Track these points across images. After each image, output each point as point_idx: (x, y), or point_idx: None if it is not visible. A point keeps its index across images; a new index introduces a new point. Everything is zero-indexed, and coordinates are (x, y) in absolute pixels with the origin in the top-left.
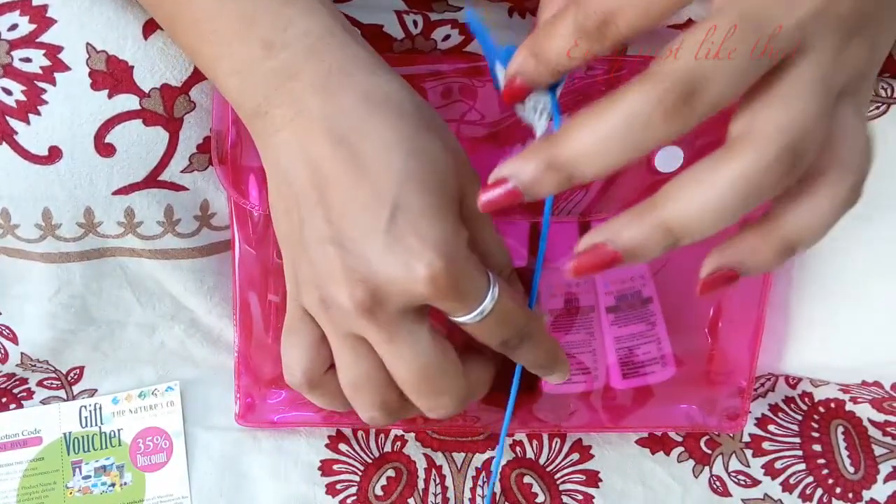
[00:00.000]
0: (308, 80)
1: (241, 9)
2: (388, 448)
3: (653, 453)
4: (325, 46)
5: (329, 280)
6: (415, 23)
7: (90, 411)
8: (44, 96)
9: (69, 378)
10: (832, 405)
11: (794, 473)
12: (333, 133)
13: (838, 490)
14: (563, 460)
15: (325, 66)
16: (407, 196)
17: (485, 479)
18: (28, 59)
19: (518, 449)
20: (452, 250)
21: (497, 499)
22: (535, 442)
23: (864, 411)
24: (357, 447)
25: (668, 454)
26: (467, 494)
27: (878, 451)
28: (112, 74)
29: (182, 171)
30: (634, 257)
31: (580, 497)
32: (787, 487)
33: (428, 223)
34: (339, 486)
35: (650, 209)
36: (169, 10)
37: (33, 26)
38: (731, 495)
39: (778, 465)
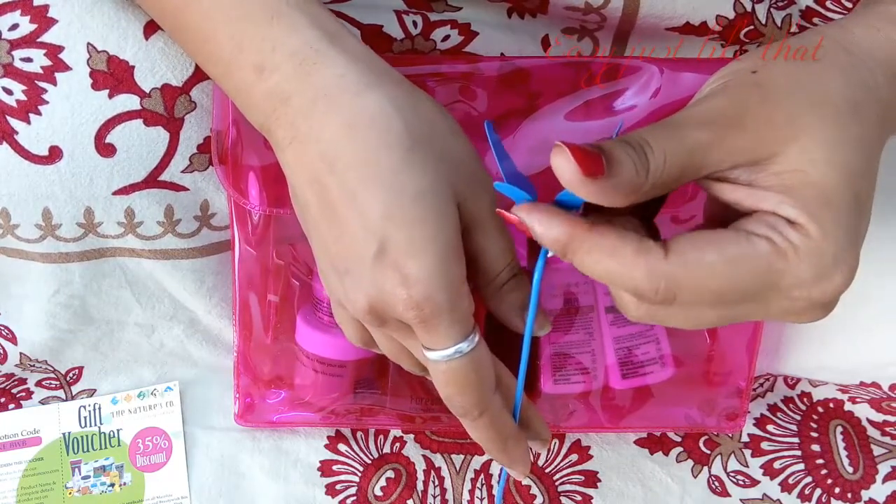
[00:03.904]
0: (297, 105)
1: (231, 32)
2: (387, 449)
3: (652, 453)
4: (311, 68)
5: (337, 290)
6: (414, 23)
7: (89, 411)
8: (44, 96)
9: (68, 378)
10: (831, 405)
11: (792, 473)
12: (325, 159)
13: (837, 490)
14: (561, 461)
15: (311, 90)
16: (392, 231)
17: (483, 481)
18: (29, 59)
19: None
20: (433, 286)
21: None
22: None
23: (863, 411)
24: (356, 448)
25: (666, 454)
26: (466, 496)
27: (876, 451)
28: (113, 74)
29: (182, 172)
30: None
31: (579, 498)
32: (785, 487)
33: (412, 261)
34: (338, 487)
35: (570, 228)
36: (170, 29)
37: (34, 26)
38: (729, 495)
39: (777, 465)
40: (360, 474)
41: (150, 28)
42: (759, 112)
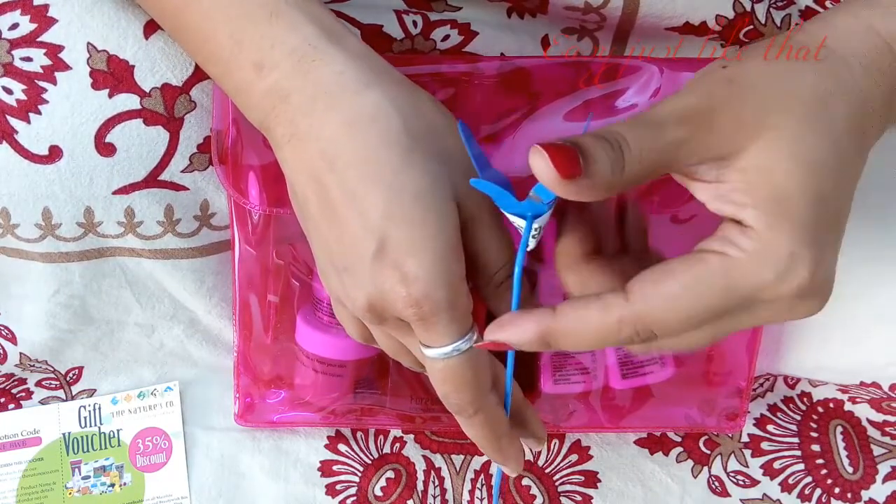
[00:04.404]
0: (296, 103)
1: (230, 31)
2: (387, 449)
3: (652, 454)
4: (310, 66)
5: (337, 288)
6: (414, 23)
7: (89, 411)
8: (44, 95)
9: (68, 378)
10: (831, 405)
11: (792, 473)
12: (325, 157)
13: (837, 490)
14: (561, 461)
15: (311, 87)
16: (392, 230)
17: (483, 482)
18: (29, 59)
19: None
20: (433, 284)
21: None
22: None
23: (863, 411)
24: (356, 448)
25: (666, 454)
26: (466, 496)
27: (876, 451)
28: (113, 74)
29: (182, 171)
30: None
31: (579, 498)
32: (785, 487)
33: (412, 259)
34: (338, 487)
35: (539, 326)
36: (171, 29)
37: (34, 25)
38: (729, 495)
39: (777, 465)
40: (360, 474)
41: (150, 27)
42: (728, 108)
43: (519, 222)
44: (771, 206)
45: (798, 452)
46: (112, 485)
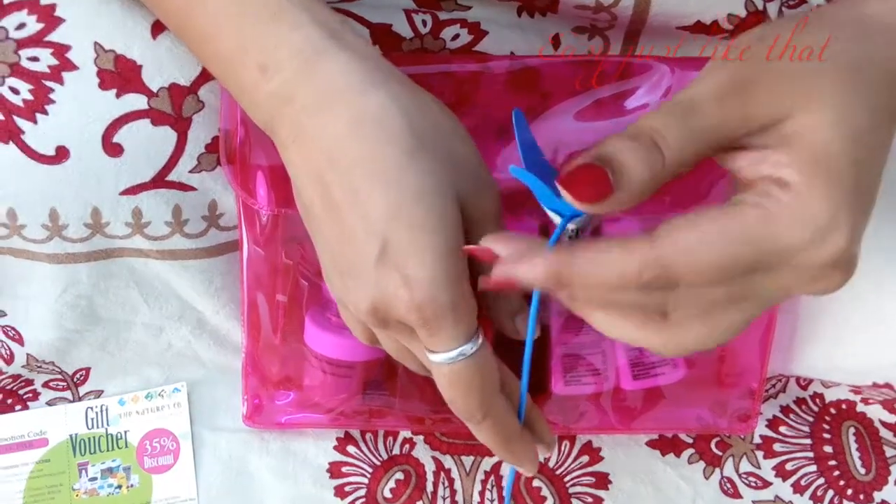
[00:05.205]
0: (301, 104)
1: (235, 30)
2: (396, 451)
3: (663, 455)
4: (315, 66)
5: (340, 291)
6: (424, 22)
7: (96, 412)
8: (51, 95)
9: (75, 379)
10: (843, 406)
11: (805, 475)
12: (330, 157)
13: (849, 492)
14: (572, 463)
15: (315, 88)
16: (395, 232)
17: (494, 483)
18: (36, 59)
19: None
20: (436, 287)
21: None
22: None
23: (876, 412)
24: (365, 449)
25: (678, 456)
26: (476, 498)
27: (889, 452)
28: (120, 74)
29: (190, 171)
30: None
31: (590, 499)
32: (797, 489)
33: (414, 262)
34: (347, 489)
35: (553, 263)
36: (175, 29)
37: (41, 25)
38: (741, 497)
39: (789, 466)
40: (369, 476)
41: (158, 28)
42: (765, 78)
43: (557, 218)
44: (812, 167)
45: (810, 454)
46: (119, 486)
